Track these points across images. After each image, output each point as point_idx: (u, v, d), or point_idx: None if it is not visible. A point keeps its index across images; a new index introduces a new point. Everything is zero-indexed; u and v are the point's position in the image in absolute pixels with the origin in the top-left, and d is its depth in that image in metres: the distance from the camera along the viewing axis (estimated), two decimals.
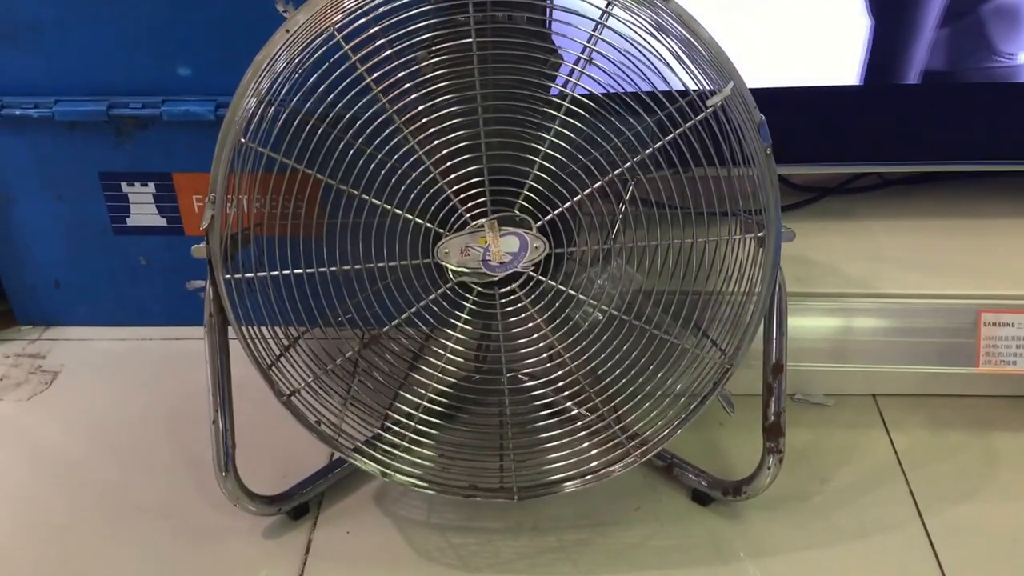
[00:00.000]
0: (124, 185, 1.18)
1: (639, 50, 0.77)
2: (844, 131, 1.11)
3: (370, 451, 0.90)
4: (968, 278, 1.07)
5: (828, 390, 1.12)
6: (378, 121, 0.78)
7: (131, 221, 1.20)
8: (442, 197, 0.81)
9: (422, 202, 0.81)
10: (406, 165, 0.80)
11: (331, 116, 0.79)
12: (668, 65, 0.78)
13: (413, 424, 0.88)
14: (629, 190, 0.81)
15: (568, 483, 0.90)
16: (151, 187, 1.18)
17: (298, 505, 0.96)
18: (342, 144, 0.79)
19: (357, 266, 0.83)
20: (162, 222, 1.20)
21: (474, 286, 0.83)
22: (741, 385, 0.92)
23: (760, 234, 0.84)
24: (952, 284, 1.06)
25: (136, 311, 1.26)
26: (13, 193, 1.18)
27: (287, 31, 0.79)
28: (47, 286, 1.25)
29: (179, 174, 1.17)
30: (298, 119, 0.79)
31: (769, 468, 0.93)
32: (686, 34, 0.78)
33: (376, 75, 0.77)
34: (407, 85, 0.78)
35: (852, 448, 1.06)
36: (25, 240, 1.22)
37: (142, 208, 1.19)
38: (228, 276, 0.84)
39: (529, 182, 0.80)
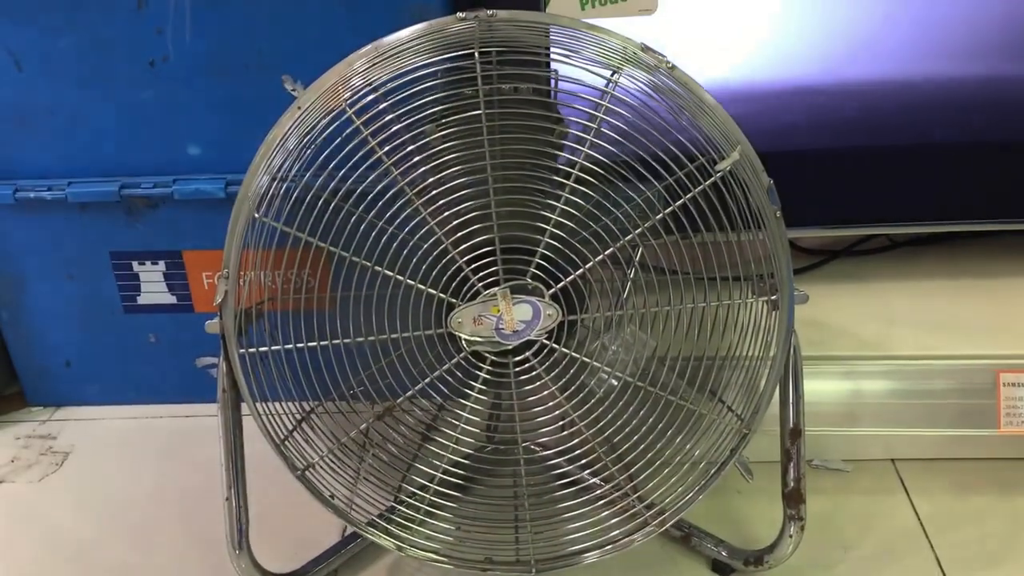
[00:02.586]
0: (135, 264, 1.19)
1: (645, 118, 0.78)
2: (852, 193, 1.11)
3: (385, 525, 0.89)
4: (984, 338, 1.06)
5: (845, 455, 1.11)
6: (390, 194, 0.79)
7: (141, 299, 1.21)
8: (454, 267, 0.81)
9: (434, 273, 0.81)
10: (418, 236, 0.80)
11: (343, 190, 0.79)
12: (674, 132, 0.79)
13: (428, 496, 0.87)
14: (639, 253, 0.81)
15: (588, 554, 0.88)
16: (161, 265, 1.19)
17: None
18: (354, 218, 0.80)
19: (371, 337, 0.82)
20: (172, 300, 1.21)
21: (488, 355, 0.83)
22: (756, 452, 0.90)
23: (773, 297, 0.83)
24: (968, 344, 1.06)
25: (146, 389, 1.26)
26: (25, 275, 1.19)
27: (299, 108, 0.80)
28: (58, 366, 1.25)
29: (189, 252, 1.18)
30: (310, 194, 0.80)
31: (791, 536, 0.91)
32: (692, 100, 0.79)
33: (387, 149, 0.78)
34: (417, 158, 0.79)
35: (873, 515, 1.04)
36: (36, 321, 1.22)
37: (152, 286, 1.20)
38: (242, 350, 0.83)
39: (540, 250, 0.81)
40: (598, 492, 0.88)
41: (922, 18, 1.04)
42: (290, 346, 0.83)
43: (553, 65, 0.82)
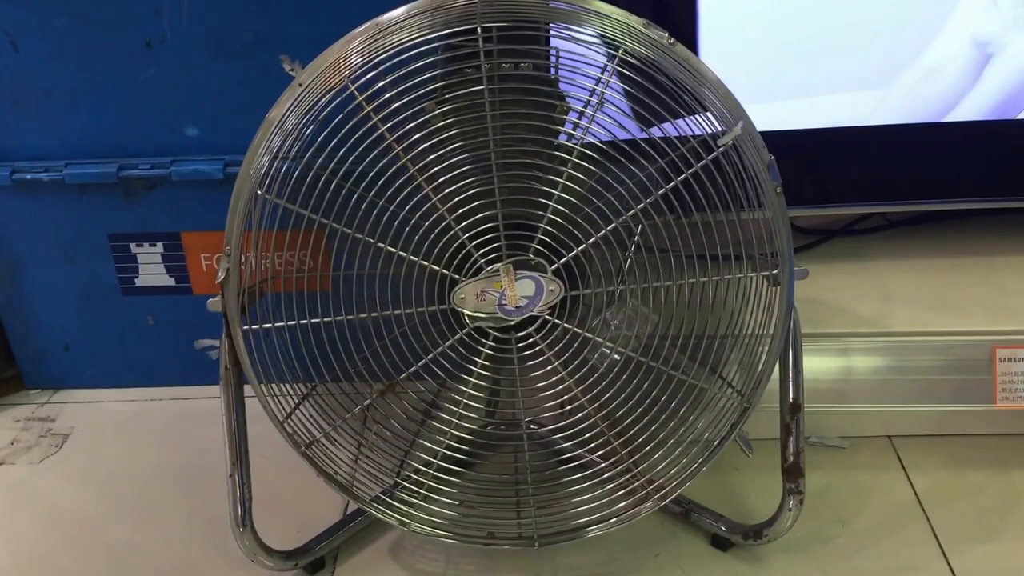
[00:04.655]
0: (133, 246, 1.19)
1: (646, 94, 0.79)
2: (849, 172, 1.12)
3: (389, 501, 0.90)
4: (980, 314, 1.07)
5: (842, 432, 1.11)
6: (392, 170, 0.79)
7: (140, 282, 1.21)
8: (457, 243, 0.81)
9: (437, 249, 0.81)
10: (420, 213, 0.81)
11: (345, 168, 0.79)
12: (677, 108, 0.79)
13: (432, 472, 0.88)
14: (640, 228, 0.82)
15: (590, 528, 0.89)
16: (159, 247, 1.19)
17: (314, 560, 0.95)
18: (355, 196, 0.80)
19: (374, 313, 0.83)
20: (170, 282, 1.21)
21: (490, 331, 0.83)
22: (753, 429, 0.91)
23: (774, 271, 0.84)
24: (964, 321, 1.06)
25: (144, 372, 1.26)
26: (23, 257, 1.19)
27: (300, 84, 0.80)
28: (56, 349, 1.25)
29: (187, 233, 1.18)
30: (312, 173, 0.80)
31: (790, 510, 0.92)
32: (693, 77, 0.79)
33: (388, 125, 0.78)
34: (418, 135, 0.79)
35: (871, 490, 1.05)
36: (34, 304, 1.22)
37: (150, 268, 1.20)
38: (245, 327, 0.83)
39: (543, 226, 0.81)
40: (600, 467, 0.88)
41: None
42: (293, 322, 0.83)
43: (554, 42, 0.82)
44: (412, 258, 0.81)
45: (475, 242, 0.81)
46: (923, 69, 1.05)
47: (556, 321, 0.83)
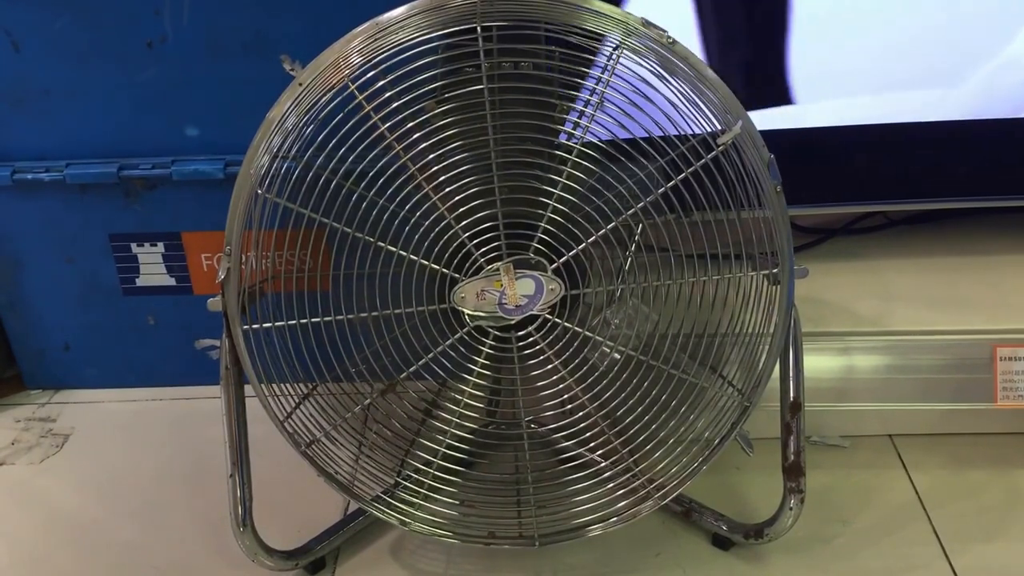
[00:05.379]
0: (133, 246, 1.19)
1: (647, 93, 0.79)
2: (849, 171, 1.12)
3: (390, 500, 0.90)
4: (981, 313, 1.07)
5: (843, 431, 1.11)
6: (392, 169, 0.79)
7: (140, 281, 1.21)
8: (457, 242, 0.81)
9: (437, 248, 0.81)
10: (420, 212, 0.81)
11: (345, 167, 0.79)
12: (676, 107, 0.79)
13: (432, 472, 0.88)
14: (640, 228, 0.82)
15: (592, 527, 0.89)
16: (160, 247, 1.19)
17: (314, 560, 0.95)
18: (356, 195, 0.80)
19: (375, 313, 0.83)
20: (171, 281, 1.21)
21: (491, 330, 0.83)
22: (754, 428, 0.91)
23: (775, 270, 0.84)
24: (965, 320, 1.06)
25: (145, 372, 1.26)
26: (24, 257, 1.19)
27: (300, 84, 0.80)
28: (57, 349, 1.25)
29: (188, 233, 1.18)
30: (312, 172, 0.80)
31: (791, 509, 0.92)
32: (693, 76, 0.79)
33: (388, 124, 0.78)
34: (418, 135, 0.79)
35: (872, 489, 1.05)
36: (35, 304, 1.22)
37: (151, 268, 1.20)
38: (245, 327, 0.84)
39: (543, 225, 0.81)
40: (600, 466, 0.88)
41: None
42: (293, 322, 0.83)
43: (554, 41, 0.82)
44: (412, 257, 0.81)
45: (475, 241, 0.81)
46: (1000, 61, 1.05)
47: (556, 320, 0.83)
